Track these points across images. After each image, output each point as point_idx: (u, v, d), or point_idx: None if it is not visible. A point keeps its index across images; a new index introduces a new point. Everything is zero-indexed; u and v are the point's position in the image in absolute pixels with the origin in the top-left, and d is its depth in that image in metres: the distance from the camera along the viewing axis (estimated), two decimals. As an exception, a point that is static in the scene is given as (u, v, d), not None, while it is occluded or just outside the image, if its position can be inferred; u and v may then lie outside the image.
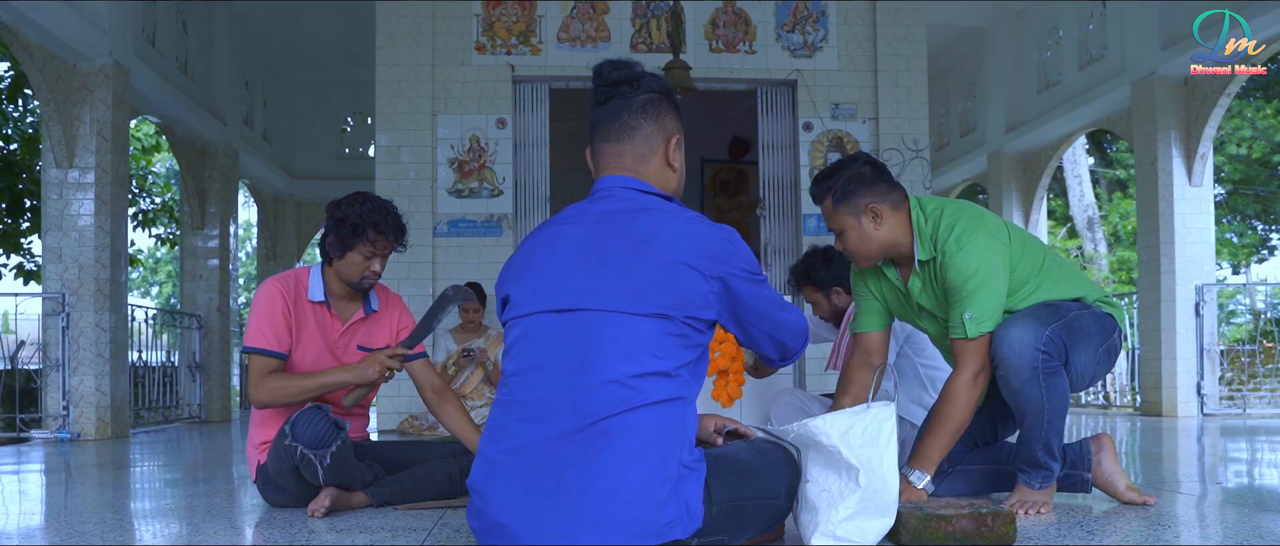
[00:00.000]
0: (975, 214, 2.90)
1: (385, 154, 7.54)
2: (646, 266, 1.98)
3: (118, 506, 3.50)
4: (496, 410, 2.08)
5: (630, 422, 1.94)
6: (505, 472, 2.00)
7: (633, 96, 2.16)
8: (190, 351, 9.85)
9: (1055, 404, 2.77)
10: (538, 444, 1.97)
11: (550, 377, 1.99)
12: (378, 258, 3.23)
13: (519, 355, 2.06)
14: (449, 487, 3.35)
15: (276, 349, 3.16)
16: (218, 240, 10.28)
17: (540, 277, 2.06)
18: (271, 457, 3.11)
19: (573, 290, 2.01)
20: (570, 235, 2.08)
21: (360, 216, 3.17)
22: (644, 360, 1.95)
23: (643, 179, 2.15)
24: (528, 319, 2.07)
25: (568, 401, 1.96)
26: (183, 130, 9.68)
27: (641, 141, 2.14)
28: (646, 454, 1.94)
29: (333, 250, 3.22)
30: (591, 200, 2.15)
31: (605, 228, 2.05)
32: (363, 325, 3.36)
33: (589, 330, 1.98)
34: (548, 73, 7.70)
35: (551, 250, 2.08)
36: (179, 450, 6.39)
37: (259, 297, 3.23)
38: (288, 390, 3.12)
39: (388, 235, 3.21)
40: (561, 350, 1.99)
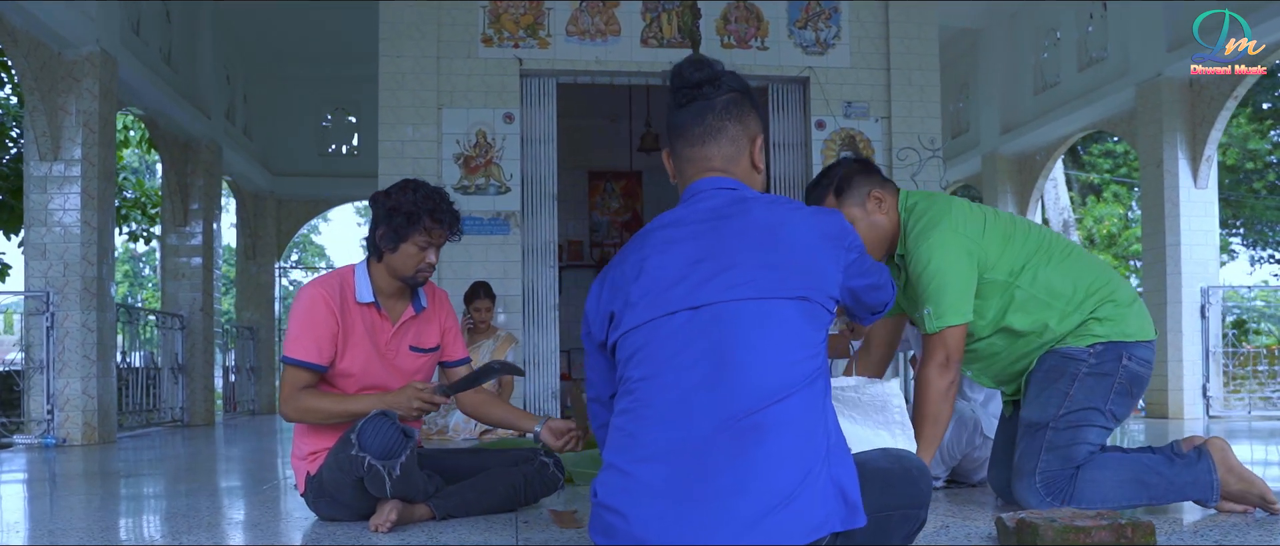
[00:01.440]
0: (942, 208, 2.91)
1: (389, 149, 7.29)
2: (779, 251, 1.88)
3: (147, 519, 3.26)
4: (621, 419, 1.90)
5: (781, 414, 1.79)
6: (645, 484, 1.81)
7: (715, 97, 2.05)
8: (172, 352, 9.50)
9: (1106, 492, 2.81)
10: (680, 448, 1.80)
11: (686, 376, 1.82)
12: (433, 248, 3.02)
13: (644, 360, 1.89)
14: (512, 498, 3.16)
15: (315, 361, 2.94)
16: (200, 237, 9.94)
17: (656, 281, 1.92)
18: (329, 469, 2.89)
19: (699, 286, 1.87)
20: (681, 235, 1.95)
21: (414, 204, 2.95)
22: (790, 346, 1.82)
23: (733, 179, 2.04)
24: (650, 324, 1.91)
25: (709, 399, 1.79)
26: (166, 123, 9.35)
27: (728, 143, 2.04)
28: (801, 445, 1.79)
29: (384, 243, 3.00)
30: (690, 203, 2.03)
31: (720, 222, 1.94)
32: (413, 324, 3.15)
33: (726, 321, 1.83)
34: (556, 67, 7.49)
35: (664, 253, 1.94)
36: (176, 456, 6.10)
37: (300, 303, 3.00)
38: (318, 411, 2.93)
39: (444, 222, 3.00)
40: (697, 346, 1.84)
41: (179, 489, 4.17)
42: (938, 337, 2.81)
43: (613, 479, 1.85)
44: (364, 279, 3.08)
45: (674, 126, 2.07)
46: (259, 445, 7.05)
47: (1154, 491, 2.84)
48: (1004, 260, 2.86)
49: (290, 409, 2.93)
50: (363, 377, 3.04)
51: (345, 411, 2.92)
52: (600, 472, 1.91)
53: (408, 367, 3.12)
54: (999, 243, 2.86)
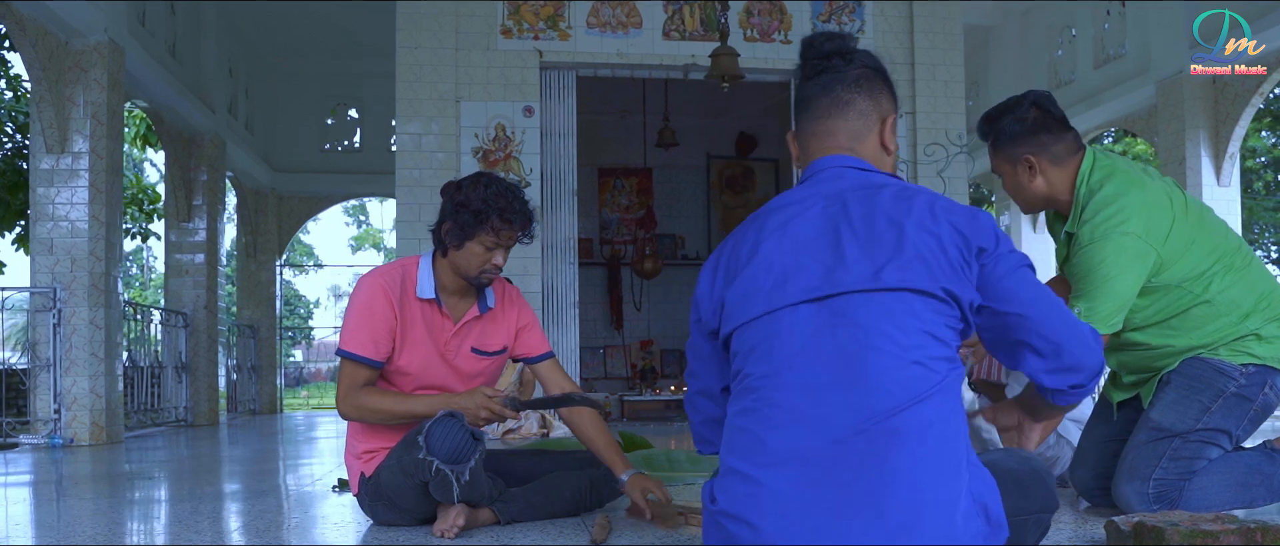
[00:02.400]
0: (1134, 203, 2.65)
1: (406, 142, 7.12)
2: (908, 240, 1.70)
3: (195, 523, 3.10)
4: (743, 419, 1.73)
5: (920, 416, 1.63)
6: (775, 492, 1.65)
7: (846, 70, 1.90)
8: (176, 351, 9.31)
9: (1212, 497, 2.68)
10: (811, 453, 1.63)
11: (814, 375, 1.66)
12: (501, 249, 2.84)
13: (766, 356, 1.73)
14: (577, 502, 3.02)
15: (372, 356, 2.78)
16: (204, 234, 9.75)
17: (773, 269, 1.76)
18: (390, 472, 2.73)
19: (823, 276, 1.71)
20: (801, 218, 1.78)
21: (484, 201, 2.77)
22: (925, 341, 1.66)
23: (860, 158, 1.88)
24: (769, 317, 1.74)
25: (843, 400, 1.63)
26: (171, 117, 9.16)
27: (856, 118, 1.88)
28: (941, 451, 1.63)
29: (449, 239, 2.83)
30: (811, 182, 1.86)
31: (843, 205, 1.77)
32: (477, 325, 2.97)
33: (855, 315, 1.66)
34: (577, 59, 7.35)
35: (781, 237, 1.78)
36: (189, 457, 5.93)
37: (358, 295, 2.83)
38: (377, 410, 2.77)
39: (515, 223, 2.81)
40: (824, 343, 1.67)
41: (209, 491, 4.01)
42: None
43: (736, 485, 1.69)
44: (427, 273, 2.91)
45: (801, 100, 1.93)
46: (271, 446, 6.88)
47: (1254, 492, 2.73)
48: (1181, 265, 2.66)
49: (348, 406, 2.78)
50: (420, 377, 2.88)
51: (406, 412, 2.76)
52: (719, 477, 1.75)
53: (468, 370, 2.96)
54: (1181, 246, 2.65)
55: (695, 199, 11.32)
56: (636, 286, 10.82)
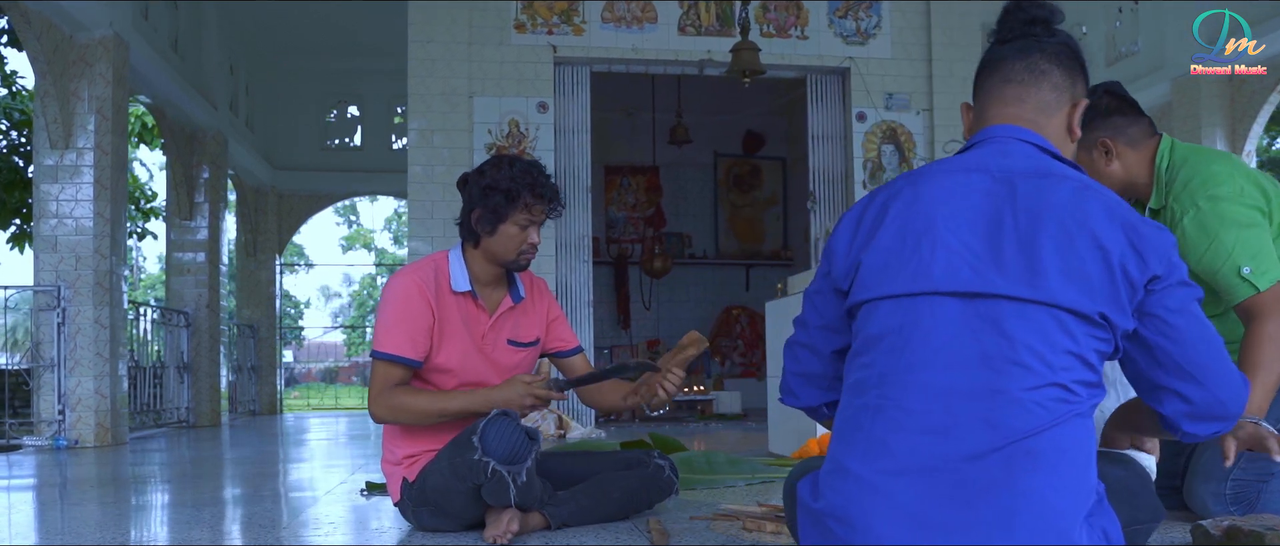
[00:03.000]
0: (1223, 169, 2.56)
1: (418, 138, 7.00)
2: (1073, 249, 1.55)
3: (214, 528, 2.98)
4: (864, 415, 1.59)
5: (1059, 439, 1.49)
6: (893, 500, 1.52)
7: (1046, 40, 1.74)
8: (178, 351, 9.16)
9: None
10: (939, 465, 1.50)
11: (952, 381, 1.53)
12: (535, 226, 2.75)
13: (898, 347, 1.59)
14: (627, 505, 2.91)
15: (409, 356, 2.67)
16: (206, 232, 9.60)
17: (920, 243, 1.61)
18: (438, 474, 2.61)
19: (977, 268, 1.56)
20: (961, 193, 1.62)
21: (512, 180, 2.67)
22: (1072, 364, 1.52)
23: (1042, 136, 1.71)
24: (909, 301, 1.60)
25: (980, 411, 1.50)
26: (174, 113, 9.01)
27: (1050, 90, 1.72)
28: (1077, 477, 1.51)
29: (482, 226, 2.72)
30: (977, 151, 1.69)
31: (1011, 191, 1.60)
32: (511, 316, 2.87)
33: (1006, 324, 1.53)
34: (591, 54, 7.24)
35: (937, 210, 1.62)
36: (199, 458, 5.79)
37: (391, 293, 2.72)
38: (412, 410, 2.66)
39: (546, 198, 2.72)
40: (969, 345, 1.54)
41: (234, 494, 3.89)
42: (1272, 294, 2.40)
43: (847, 486, 1.56)
44: (459, 266, 2.81)
45: (990, 63, 1.78)
46: (280, 448, 6.75)
47: None
48: None
49: (381, 408, 2.66)
50: (461, 373, 2.77)
51: (442, 410, 2.65)
52: (825, 473, 1.62)
53: (506, 363, 2.86)
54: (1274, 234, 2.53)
55: (702, 197, 11.22)
56: (646, 285, 10.71)
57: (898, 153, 7.53)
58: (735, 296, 11.17)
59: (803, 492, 1.70)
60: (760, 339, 11.03)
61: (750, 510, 2.93)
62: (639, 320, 10.79)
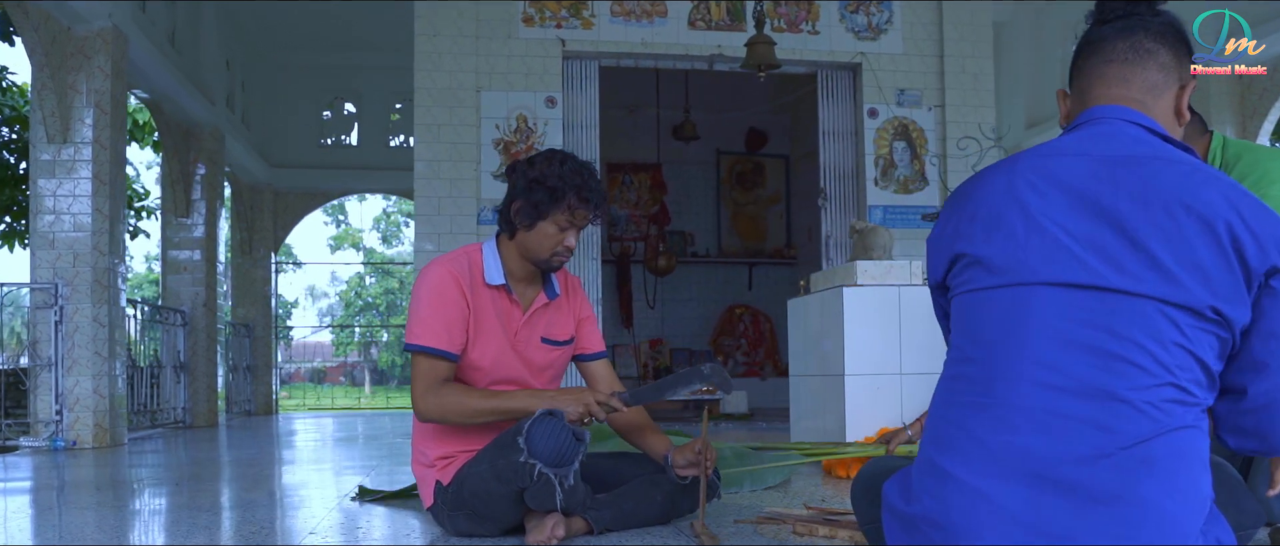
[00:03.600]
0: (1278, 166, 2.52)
1: (424, 133, 6.87)
2: (1184, 238, 1.44)
3: (224, 533, 2.85)
4: (962, 414, 1.49)
5: (1176, 445, 1.40)
6: (998, 506, 1.41)
7: (1151, 20, 1.64)
8: (175, 350, 9.00)
9: None
10: (1049, 470, 1.40)
11: (1060, 380, 1.43)
12: (574, 230, 2.64)
13: (999, 342, 1.49)
14: (670, 508, 2.80)
15: (449, 349, 2.56)
16: (203, 229, 9.45)
17: (1021, 230, 1.51)
18: (479, 478, 2.50)
19: (1081, 259, 1.46)
20: (1065, 178, 1.52)
21: (560, 179, 2.57)
22: (1187, 362, 1.42)
23: (1151, 118, 1.60)
24: (1012, 292, 1.49)
25: (1090, 414, 1.40)
26: (171, 108, 8.86)
27: (1157, 70, 1.61)
28: (1192, 484, 1.40)
29: (520, 219, 2.62)
30: (1082, 132, 1.59)
31: (1115, 173, 1.50)
32: (545, 313, 2.77)
33: (1116, 319, 1.43)
34: (600, 48, 7.12)
35: (1037, 197, 1.52)
36: (201, 460, 5.65)
37: (425, 284, 2.61)
38: (464, 408, 2.53)
39: (591, 203, 2.62)
40: (1076, 344, 1.44)
41: (245, 498, 3.76)
42: None
43: (947, 490, 1.46)
44: (494, 258, 2.70)
45: (1089, 42, 1.67)
46: (282, 449, 6.61)
47: None
48: None
49: (430, 405, 2.54)
50: (493, 371, 2.66)
51: (500, 410, 2.53)
52: (918, 475, 1.52)
53: (539, 361, 2.76)
54: None
55: (705, 195, 11.11)
56: (650, 283, 10.60)
57: (910, 149, 7.45)
58: (738, 295, 11.07)
59: (890, 495, 1.60)
60: (763, 338, 10.94)
61: (796, 513, 2.83)
62: (642, 319, 10.68)
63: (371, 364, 40.22)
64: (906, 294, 4.25)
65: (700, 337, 11.00)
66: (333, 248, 36.27)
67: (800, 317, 4.86)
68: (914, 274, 4.35)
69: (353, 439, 7.27)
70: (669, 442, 2.77)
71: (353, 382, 38.66)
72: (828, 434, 4.40)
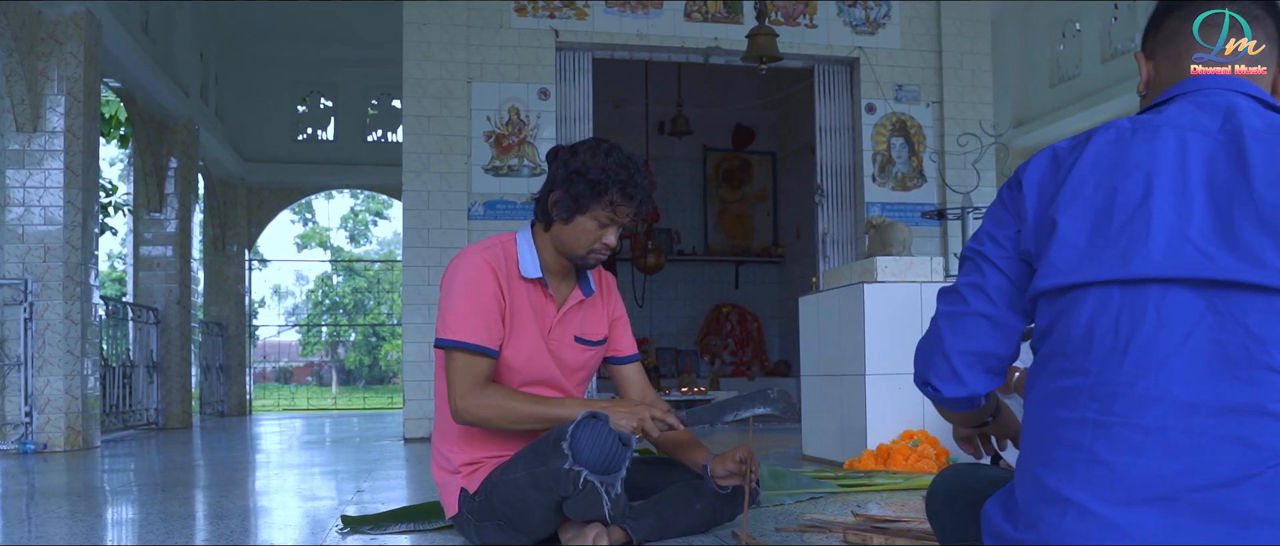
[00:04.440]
0: None
1: (413, 125, 6.66)
2: None
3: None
4: (1076, 432, 1.30)
5: None
6: (1132, 535, 1.22)
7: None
8: (147, 349, 8.70)
9: None
10: (1185, 494, 1.22)
11: (1193, 391, 1.25)
12: (614, 227, 2.44)
13: (1118, 349, 1.29)
14: (709, 516, 2.61)
15: (489, 345, 2.36)
16: (175, 224, 9.15)
17: (1136, 219, 1.31)
18: (513, 487, 2.30)
19: (1206, 249, 1.27)
20: (1179, 155, 1.33)
21: (604, 171, 2.36)
22: None
23: (1263, 90, 1.45)
24: (1127, 289, 1.30)
25: (1230, 429, 1.22)
26: (144, 98, 8.56)
27: (1264, 37, 1.46)
28: None
29: (558, 211, 2.42)
30: (1183, 104, 1.42)
31: (1239, 151, 1.31)
32: (579, 311, 2.58)
33: (1249, 318, 1.24)
34: (594, 40, 6.94)
35: (1148, 176, 1.32)
36: (185, 464, 5.40)
37: (460, 274, 2.41)
38: (511, 412, 2.33)
39: (635, 200, 2.41)
40: (1207, 349, 1.25)
41: (239, 506, 3.54)
42: None
43: (1069, 520, 1.27)
44: (529, 250, 2.50)
45: (1180, 4, 1.50)
46: (265, 452, 6.36)
47: None
48: None
49: (471, 406, 2.33)
50: (526, 371, 2.47)
51: (549, 416, 2.33)
52: (1031, 500, 1.33)
53: (572, 362, 2.57)
54: None
55: (691, 192, 10.96)
56: (638, 282, 10.41)
57: (908, 146, 7.33)
58: (725, 294, 10.92)
59: (995, 518, 1.40)
60: (750, 337, 10.80)
61: (842, 519, 2.67)
62: (629, 317, 10.48)
63: (339, 364, 39.77)
64: (929, 291, 4.10)
65: (686, 337, 10.83)
66: (300, 246, 35.73)
67: (812, 315, 4.70)
68: (935, 270, 4.20)
69: (341, 441, 7.03)
70: (707, 451, 2.59)
71: (320, 382, 38.19)
72: (847, 436, 4.25)
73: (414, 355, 6.56)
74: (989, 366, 1.51)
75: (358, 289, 38.90)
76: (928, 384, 1.56)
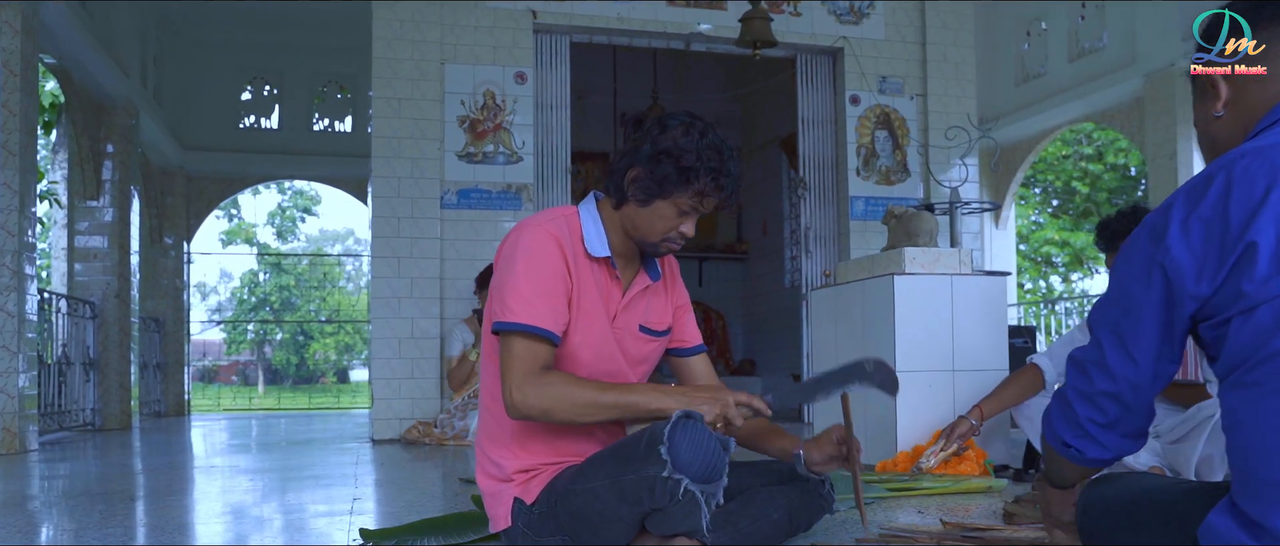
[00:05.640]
0: None
1: (383, 107, 6.28)
2: None
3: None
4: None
5: None
6: None
7: None
8: (84, 345, 8.15)
9: None
10: None
11: None
12: (694, 217, 2.17)
13: None
14: (787, 525, 2.36)
15: (553, 329, 2.06)
16: (114, 212, 8.60)
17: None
18: (592, 496, 2.00)
19: None
20: None
21: (697, 155, 2.07)
22: None
23: None
24: None
25: None
26: (82, 77, 8.02)
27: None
28: None
29: (636, 191, 2.13)
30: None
31: None
32: (643, 298, 2.30)
33: None
34: (574, 22, 6.64)
35: None
36: (141, 469, 4.97)
37: (522, 247, 2.10)
38: (577, 401, 2.02)
39: (726, 190, 2.13)
40: None
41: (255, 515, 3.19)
42: None
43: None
44: (596, 227, 2.21)
45: None
46: (217, 455, 5.94)
47: None
48: None
49: (530, 397, 2.01)
50: (594, 363, 2.19)
51: (623, 405, 2.05)
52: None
53: (636, 353, 2.29)
54: None
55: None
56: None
57: (892, 139, 7.17)
58: (689, 292, 10.67)
59: (1232, 535, 1.28)
60: (715, 335, 10.58)
61: (929, 528, 2.44)
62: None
63: (265, 362, 38.71)
64: (960, 284, 3.90)
65: (648, 335, 10.57)
66: (225, 242, 34.69)
67: (827, 310, 4.47)
68: (964, 263, 4.00)
69: (305, 443, 6.60)
70: (797, 439, 2.33)
71: (245, 382, 37.13)
72: (876, 437, 4.01)
73: (384, 351, 6.19)
74: (1131, 434, 1.52)
75: (285, 286, 37.92)
76: (1072, 444, 1.55)
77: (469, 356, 5.95)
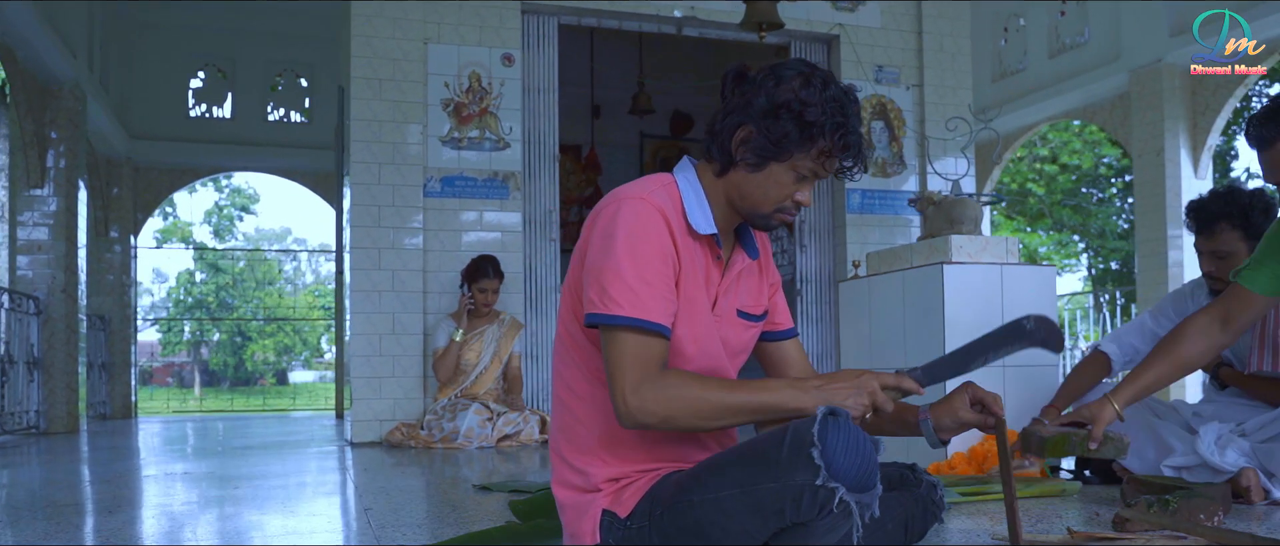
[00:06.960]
0: None
1: (362, 88, 5.90)
2: None
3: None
4: None
5: None
6: None
7: None
8: (27, 343, 7.62)
9: None
10: None
11: None
12: (811, 183, 1.86)
13: None
14: (900, 533, 2.06)
15: (664, 322, 1.75)
16: (59, 202, 8.08)
17: None
18: (717, 508, 1.69)
19: None
20: None
21: (822, 110, 1.77)
22: None
23: None
24: None
25: None
26: (27, 56, 7.50)
27: None
28: None
29: (746, 153, 1.81)
30: None
31: None
32: (742, 280, 1.98)
33: None
34: (562, 3, 6.32)
35: None
36: (110, 476, 4.55)
37: (624, 225, 1.76)
38: (704, 404, 1.71)
39: (852, 150, 1.83)
40: None
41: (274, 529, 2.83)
42: None
43: None
44: (698, 197, 1.89)
45: None
46: (190, 460, 5.51)
47: None
48: None
49: (648, 400, 1.69)
50: (699, 357, 1.87)
51: (756, 406, 1.73)
52: None
53: (736, 343, 1.97)
54: None
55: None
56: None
57: (888, 131, 6.96)
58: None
59: None
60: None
61: (1104, 534, 2.17)
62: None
63: (202, 364, 37.68)
64: (1010, 274, 3.67)
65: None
66: (159, 241, 33.70)
67: (861, 302, 4.22)
68: (1011, 251, 3.77)
69: (278, 446, 6.18)
70: (915, 406, 2.02)
71: (181, 383, 36.09)
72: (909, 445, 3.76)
73: (363, 348, 5.80)
74: None
75: (222, 286, 36.96)
76: None
77: (454, 340, 5.60)
